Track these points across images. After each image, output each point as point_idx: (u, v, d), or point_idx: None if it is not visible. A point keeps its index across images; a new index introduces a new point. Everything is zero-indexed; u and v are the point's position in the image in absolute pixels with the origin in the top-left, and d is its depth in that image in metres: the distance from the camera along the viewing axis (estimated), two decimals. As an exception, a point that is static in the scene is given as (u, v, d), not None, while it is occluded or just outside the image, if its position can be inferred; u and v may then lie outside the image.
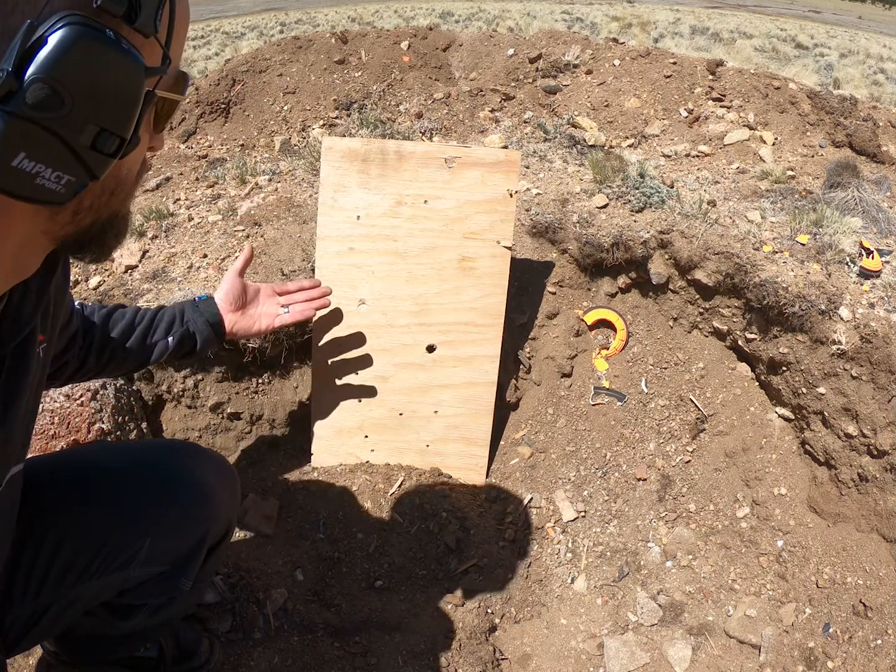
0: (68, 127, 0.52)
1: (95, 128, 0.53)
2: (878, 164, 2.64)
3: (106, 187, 0.62)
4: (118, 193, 0.65)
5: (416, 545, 1.73)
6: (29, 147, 0.51)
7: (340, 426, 1.86)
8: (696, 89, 2.91)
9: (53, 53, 0.48)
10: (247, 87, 3.10)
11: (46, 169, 0.53)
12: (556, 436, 2.02)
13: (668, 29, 16.02)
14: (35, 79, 0.48)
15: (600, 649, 1.65)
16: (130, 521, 1.03)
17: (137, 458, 1.11)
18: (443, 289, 1.80)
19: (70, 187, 0.55)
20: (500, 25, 12.85)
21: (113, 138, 0.55)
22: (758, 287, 1.85)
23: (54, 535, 0.98)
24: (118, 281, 1.89)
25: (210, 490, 1.11)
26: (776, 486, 1.84)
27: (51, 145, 0.52)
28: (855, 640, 1.49)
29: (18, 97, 0.48)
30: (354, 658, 1.47)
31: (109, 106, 0.53)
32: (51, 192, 0.54)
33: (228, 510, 1.18)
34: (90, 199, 0.62)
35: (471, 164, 1.73)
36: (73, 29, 0.49)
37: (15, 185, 0.52)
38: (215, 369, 1.86)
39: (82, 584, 1.00)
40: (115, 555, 1.01)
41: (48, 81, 0.49)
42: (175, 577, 1.09)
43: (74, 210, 0.61)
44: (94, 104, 0.52)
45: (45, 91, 0.49)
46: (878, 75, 12.12)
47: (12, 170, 0.51)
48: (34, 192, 0.54)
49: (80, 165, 0.55)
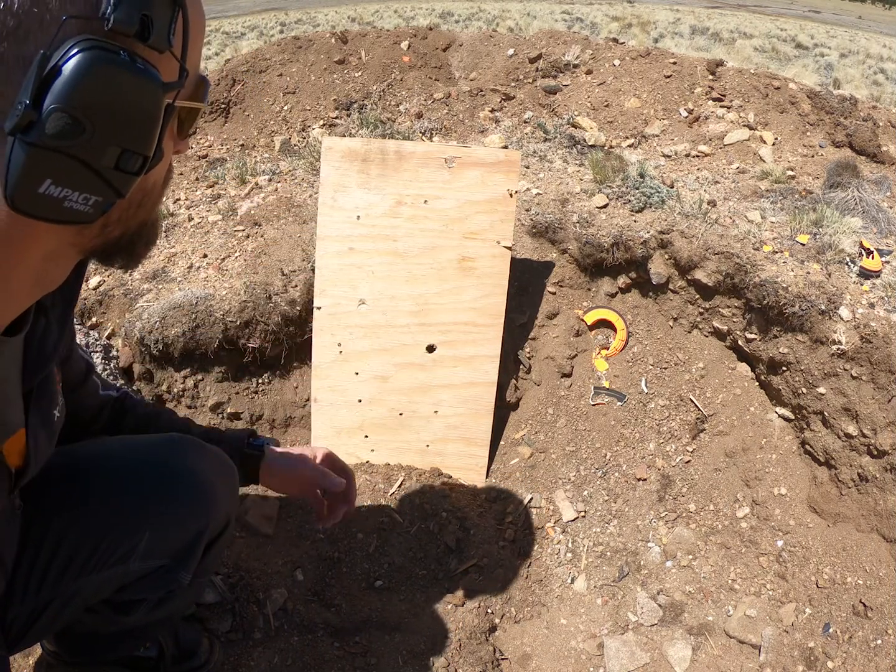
0: (91, 151, 0.52)
1: (118, 149, 0.54)
2: (878, 164, 2.64)
3: (133, 200, 0.63)
4: (146, 204, 0.66)
5: (416, 545, 1.73)
6: (54, 174, 0.52)
7: (340, 426, 1.86)
8: (696, 89, 2.91)
9: (69, 82, 0.49)
10: (247, 87, 3.10)
11: (73, 192, 0.54)
12: (556, 436, 2.02)
13: (668, 29, 16.01)
14: (53, 109, 0.49)
15: (600, 649, 1.65)
16: (129, 514, 1.03)
17: (136, 452, 1.11)
18: (443, 289, 1.80)
19: (98, 207, 0.56)
20: (500, 25, 12.84)
21: (136, 157, 0.56)
22: (758, 287, 1.85)
23: (55, 531, 0.98)
24: (118, 281, 1.89)
25: (209, 484, 1.11)
26: (776, 486, 1.84)
27: (75, 170, 0.53)
28: (855, 640, 1.49)
29: (39, 128, 0.49)
30: (354, 658, 1.47)
31: (130, 127, 0.54)
32: (79, 213, 0.55)
33: (227, 504, 1.19)
34: (118, 212, 0.62)
35: (471, 164, 1.73)
36: (86, 55, 0.49)
37: (44, 210, 0.53)
38: (215, 369, 1.86)
39: (82, 579, 1.00)
40: (114, 549, 1.01)
41: (66, 110, 0.49)
42: (174, 571, 1.10)
43: (103, 224, 0.62)
44: (114, 127, 0.53)
45: (65, 119, 0.49)
46: (878, 75, 12.12)
47: (40, 196, 0.52)
48: (63, 215, 0.55)
49: (106, 186, 0.55)
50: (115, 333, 1.85)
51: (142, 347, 1.78)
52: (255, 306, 1.82)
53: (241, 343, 1.83)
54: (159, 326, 1.75)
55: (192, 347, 1.79)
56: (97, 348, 1.73)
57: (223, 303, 1.81)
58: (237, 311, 1.80)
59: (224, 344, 1.82)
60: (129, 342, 1.79)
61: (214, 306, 1.80)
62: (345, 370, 1.83)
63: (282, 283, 1.88)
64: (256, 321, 1.82)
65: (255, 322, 1.82)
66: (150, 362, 1.81)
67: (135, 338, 1.76)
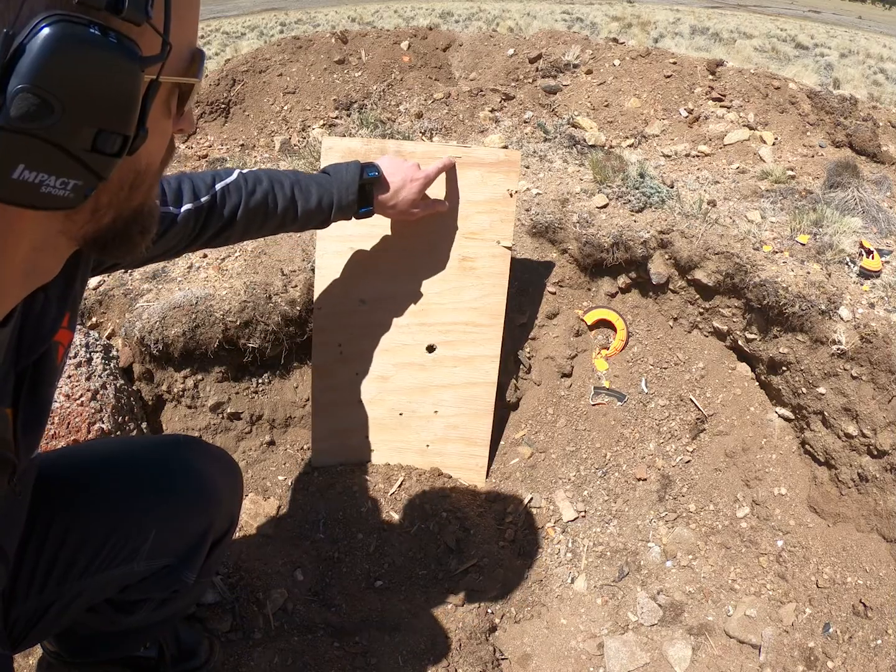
0: (63, 133, 0.50)
1: (93, 129, 0.51)
2: (878, 164, 2.64)
3: (124, 182, 0.60)
4: (139, 186, 0.63)
5: (416, 545, 1.73)
6: (26, 158, 0.49)
7: (340, 426, 1.86)
8: (696, 89, 2.91)
9: (35, 60, 0.46)
10: (247, 87, 3.10)
11: (49, 177, 0.51)
12: (556, 436, 2.02)
13: (668, 29, 16.01)
14: (18, 90, 0.46)
15: (600, 649, 1.65)
16: (135, 514, 1.03)
17: (142, 452, 1.12)
18: (443, 289, 1.80)
19: (79, 191, 0.54)
20: (500, 25, 12.84)
21: (114, 137, 0.53)
22: (758, 287, 1.85)
23: (59, 530, 0.98)
24: (118, 281, 1.89)
25: (214, 484, 1.11)
26: (776, 486, 1.84)
27: (48, 153, 0.50)
28: (855, 640, 1.49)
29: (5, 110, 0.47)
30: (354, 658, 1.47)
31: (104, 106, 0.51)
32: (59, 199, 0.53)
33: (231, 504, 1.19)
34: (108, 195, 0.60)
35: (471, 164, 1.73)
36: (52, 30, 0.46)
37: (19, 196, 0.51)
38: (215, 369, 1.86)
39: (87, 579, 1.00)
40: (120, 548, 1.01)
41: (32, 90, 0.47)
42: (179, 571, 1.10)
43: (93, 209, 0.60)
44: (86, 106, 0.50)
45: (31, 100, 0.47)
46: (878, 75, 12.13)
47: (14, 182, 0.50)
48: (41, 201, 0.52)
49: (83, 169, 0.53)
50: (115, 333, 1.85)
51: (142, 347, 1.78)
52: (255, 306, 1.82)
53: (241, 343, 1.83)
54: (159, 326, 1.75)
55: (192, 347, 1.79)
56: (97, 348, 1.73)
57: (223, 303, 1.81)
58: (237, 311, 1.80)
59: (224, 344, 1.82)
60: (129, 342, 1.79)
61: (214, 306, 1.80)
62: (345, 370, 1.83)
63: (282, 283, 1.88)
64: (256, 321, 1.82)
65: (255, 322, 1.82)
66: (150, 362, 1.81)
67: (135, 338, 1.76)
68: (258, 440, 1.94)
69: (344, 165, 1.46)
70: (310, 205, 1.39)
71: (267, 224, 1.36)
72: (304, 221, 1.42)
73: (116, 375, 1.75)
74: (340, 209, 1.44)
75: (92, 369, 1.66)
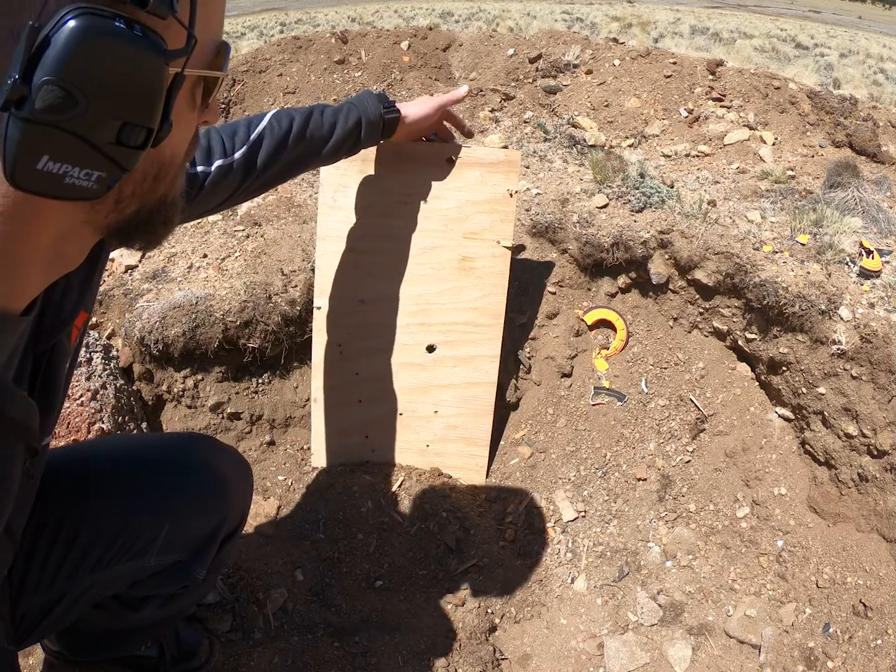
0: (87, 125, 0.50)
1: (118, 122, 0.51)
2: (878, 164, 2.64)
3: (148, 173, 0.61)
4: (163, 177, 0.63)
5: (416, 545, 1.73)
6: (50, 149, 0.50)
7: (340, 426, 1.86)
8: (696, 89, 2.91)
9: (59, 53, 0.46)
10: (247, 87, 3.10)
11: (74, 168, 0.51)
12: (556, 436, 2.02)
13: (668, 29, 16.01)
14: (44, 82, 0.47)
15: (600, 649, 1.65)
16: (149, 508, 1.03)
17: (157, 448, 1.12)
18: (443, 289, 1.80)
19: (102, 182, 0.54)
20: (500, 25, 12.84)
21: (139, 130, 0.53)
22: (758, 287, 1.85)
23: (72, 523, 0.97)
24: (118, 281, 1.89)
25: (227, 480, 1.12)
26: (776, 486, 1.84)
27: (73, 145, 0.50)
28: (855, 640, 1.49)
29: (30, 102, 0.47)
30: (354, 658, 1.47)
31: (129, 99, 0.51)
32: (83, 190, 0.53)
33: (242, 501, 1.20)
34: (132, 186, 0.60)
35: (471, 163, 1.72)
36: (77, 23, 0.46)
37: (44, 186, 0.51)
38: (215, 369, 1.86)
39: (98, 572, 1.00)
40: (133, 543, 1.01)
41: (57, 83, 0.47)
42: (190, 566, 1.10)
43: (116, 199, 0.60)
44: (111, 99, 0.50)
45: (56, 93, 0.47)
46: (878, 75, 12.13)
47: (38, 173, 0.50)
48: (65, 192, 0.52)
49: (107, 161, 0.53)
50: (115, 333, 1.85)
51: (142, 347, 1.78)
52: (255, 306, 1.82)
53: (241, 343, 1.83)
54: (159, 326, 1.75)
55: (192, 347, 1.79)
56: (97, 348, 1.73)
57: (223, 303, 1.81)
58: (237, 311, 1.81)
59: (224, 344, 1.82)
60: (129, 342, 1.79)
61: (214, 306, 1.80)
62: (345, 370, 1.83)
63: (282, 283, 1.88)
64: (256, 321, 1.83)
65: (255, 322, 1.83)
66: (150, 362, 1.81)
67: (135, 338, 1.76)
68: (258, 440, 1.94)
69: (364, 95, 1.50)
70: (347, 123, 1.43)
71: (306, 155, 1.39)
72: (337, 144, 1.43)
73: (116, 375, 1.75)
74: (369, 122, 1.45)
75: (92, 369, 1.66)
